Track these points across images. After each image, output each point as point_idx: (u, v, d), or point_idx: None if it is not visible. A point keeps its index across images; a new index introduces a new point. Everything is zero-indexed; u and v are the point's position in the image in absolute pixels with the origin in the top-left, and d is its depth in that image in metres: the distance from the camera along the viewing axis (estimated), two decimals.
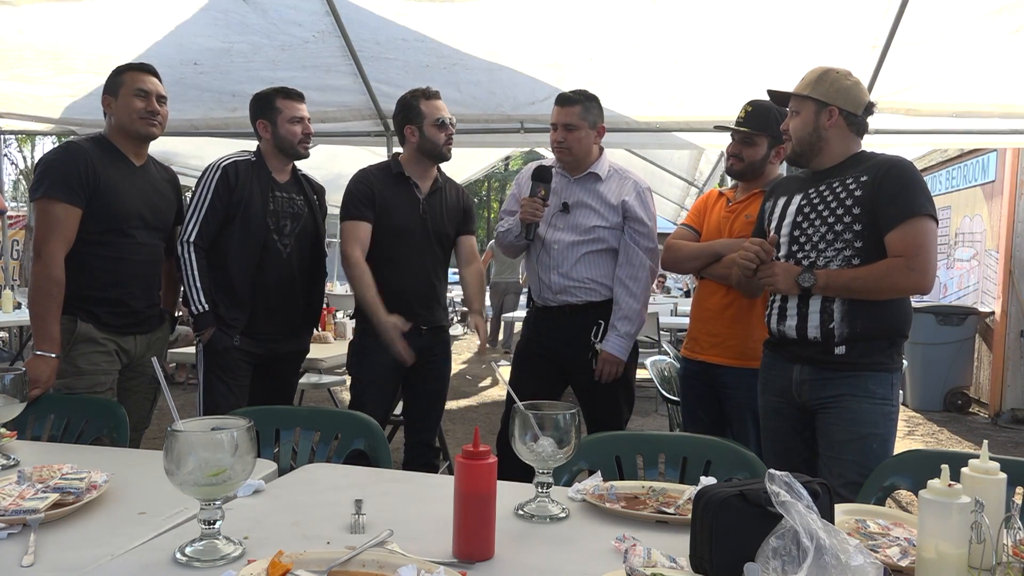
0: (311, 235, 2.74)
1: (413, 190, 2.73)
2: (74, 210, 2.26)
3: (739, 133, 2.53)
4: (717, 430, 2.61)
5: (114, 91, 2.38)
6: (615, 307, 2.66)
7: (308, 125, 2.65)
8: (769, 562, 0.89)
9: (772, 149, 2.55)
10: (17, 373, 1.64)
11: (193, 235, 2.51)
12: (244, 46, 3.85)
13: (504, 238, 2.78)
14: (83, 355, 2.30)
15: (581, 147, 2.64)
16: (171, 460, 1.07)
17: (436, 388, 2.84)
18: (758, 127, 2.51)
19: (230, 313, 2.56)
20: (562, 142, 2.63)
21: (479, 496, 1.13)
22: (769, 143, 2.54)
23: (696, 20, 3.40)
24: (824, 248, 2.03)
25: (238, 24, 3.66)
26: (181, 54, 3.90)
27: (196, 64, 4.01)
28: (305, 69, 4.05)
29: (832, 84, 2.06)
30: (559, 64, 3.83)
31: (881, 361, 2.01)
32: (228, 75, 4.13)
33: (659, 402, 5.98)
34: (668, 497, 1.42)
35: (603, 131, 2.71)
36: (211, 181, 2.54)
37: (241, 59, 3.96)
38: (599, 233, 2.65)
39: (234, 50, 3.88)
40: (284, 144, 2.64)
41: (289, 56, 3.93)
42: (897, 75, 3.59)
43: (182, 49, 3.86)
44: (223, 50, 3.89)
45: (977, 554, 0.97)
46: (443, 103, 2.73)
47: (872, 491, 1.61)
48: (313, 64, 4.03)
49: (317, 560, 1.05)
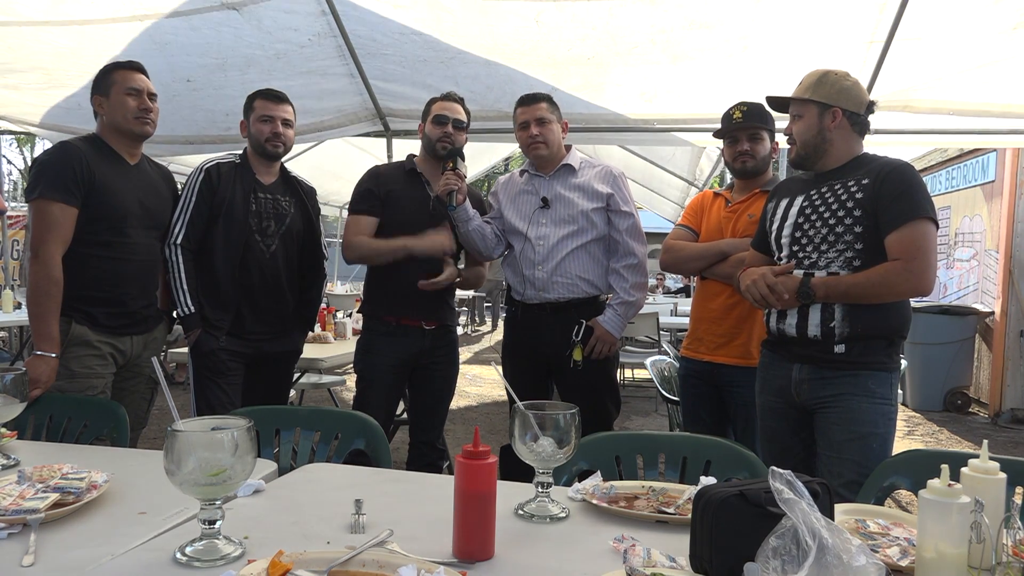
0: (300, 235, 2.75)
1: (424, 187, 2.76)
2: (70, 210, 2.26)
3: (746, 130, 2.55)
4: (718, 430, 2.61)
5: (105, 91, 2.38)
6: (612, 293, 2.69)
7: (278, 125, 2.63)
8: (769, 562, 0.89)
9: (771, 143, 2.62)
10: (17, 373, 1.64)
11: (180, 237, 2.54)
12: (238, 59, 3.84)
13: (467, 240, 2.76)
14: (76, 358, 2.30)
15: (555, 139, 2.70)
16: (171, 460, 1.07)
17: (440, 388, 2.84)
18: (760, 120, 2.55)
19: (214, 314, 2.58)
20: (537, 136, 2.68)
21: (479, 496, 1.13)
22: (769, 136, 2.60)
23: (694, 16, 3.40)
24: (826, 249, 2.04)
25: (231, 38, 3.65)
26: (174, 72, 3.90)
27: (189, 81, 4.01)
28: (300, 76, 4.04)
29: (833, 85, 2.07)
30: (556, 62, 3.83)
31: (881, 360, 2.01)
32: (222, 90, 4.12)
33: (659, 402, 5.98)
34: (668, 497, 1.42)
35: (567, 126, 2.81)
36: (195, 183, 2.58)
37: (236, 72, 3.95)
38: (583, 222, 2.66)
39: (228, 64, 3.88)
40: (253, 143, 2.66)
41: (284, 64, 3.93)
42: (896, 73, 3.59)
43: (174, 67, 3.86)
44: (216, 65, 3.88)
45: (977, 554, 0.97)
46: (454, 104, 2.76)
47: (872, 491, 1.61)
48: (308, 70, 4.01)
49: (317, 560, 1.05)
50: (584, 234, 2.66)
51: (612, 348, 2.67)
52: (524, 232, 2.71)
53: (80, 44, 3.67)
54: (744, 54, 3.60)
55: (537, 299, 2.69)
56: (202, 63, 3.86)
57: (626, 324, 2.70)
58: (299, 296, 2.79)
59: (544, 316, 2.69)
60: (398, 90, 4.30)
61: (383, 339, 2.71)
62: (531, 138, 2.69)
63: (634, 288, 2.68)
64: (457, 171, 2.62)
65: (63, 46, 3.69)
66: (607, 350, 2.66)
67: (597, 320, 2.65)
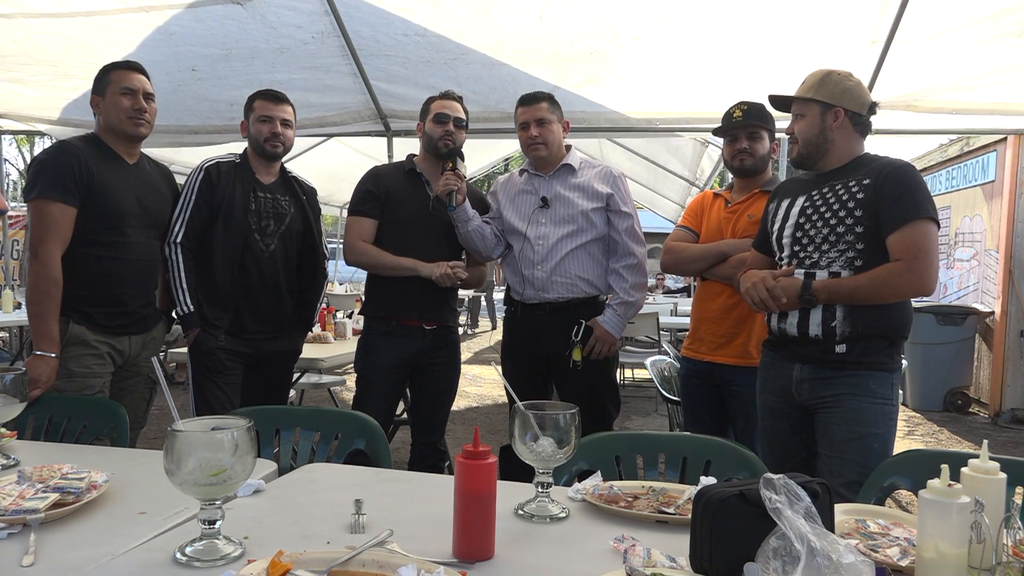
0: (299, 235, 2.75)
1: (424, 187, 2.76)
2: (69, 209, 2.26)
3: (745, 129, 2.55)
4: (719, 430, 2.61)
5: (101, 90, 2.38)
6: (612, 294, 2.69)
7: (277, 125, 2.63)
8: (769, 562, 0.89)
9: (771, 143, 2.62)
10: (17, 373, 1.64)
11: (180, 236, 2.54)
12: (243, 51, 3.85)
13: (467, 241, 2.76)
14: (74, 358, 2.29)
15: (555, 140, 2.70)
16: (171, 460, 1.07)
17: (442, 390, 2.84)
18: (760, 120, 2.56)
19: (213, 313, 2.58)
20: (537, 137, 2.68)
21: (479, 496, 1.13)
22: (769, 136, 2.60)
23: (697, 16, 3.40)
24: (827, 249, 2.04)
25: (236, 30, 3.67)
26: (179, 61, 3.91)
27: (194, 71, 4.02)
28: (304, 70, 4.05)
29: (836, 85, 2.07)
30: (559, 59, 3.83)
31: (881, 360, 2.01)
32: (226, 80, 4.13)
33: (659, 402, 5.98)
34: (668, 497, 1.42)
35: (567, 126, 2.80)
36: (195, 182, 2.58)
37: (240, 63, 3.96)
38: (582, 222, 2.66)
39: (232, 55, 3.88)
40: (253, 143, 2.67)
41: (288, 58, 3.93)
42: (898, 72, 3.59)
43: (179, 57, 3.87)
44: (221, 56, 3.89)
45: (977, 554, 0.97)
46: (454, 103, 2.76)
47: (872, 491, 1.60)
48: (312, 65, 4.03)
49: (317, 560, 1.05)
50: (583, 234, 2.66)
51: (612, 348, 2.67)
52: (523, 232, 2.71)
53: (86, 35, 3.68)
54: (749, 52, 3.61)
55: (536, 299, 2.69)
56: (207, 53, 3.88)
57: (626, 324, 2.71)
58: (298, 296, 2.79)
59: (543, 316, 2.69)
60: (401, 91, 4.31)
61: (383, 339, 2.71)
62: (531, 139, 2.69)
63: (633, 288, 2.68)
64: (457, 171, 2.62)
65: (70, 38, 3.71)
66: (607, 350, 2.66)
67: (597, 320, 2.65)
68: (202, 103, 4.39)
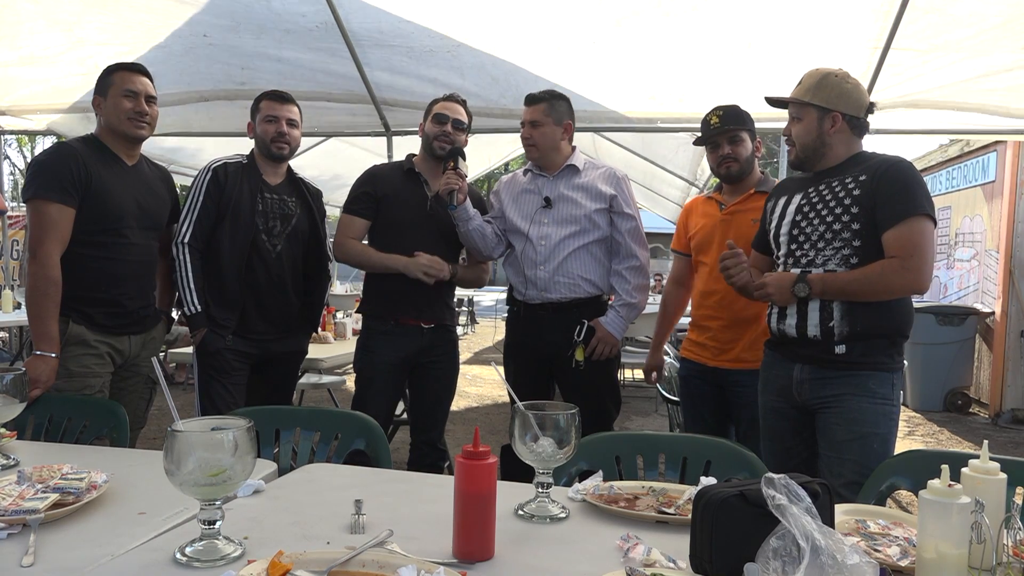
0: (305, 236, 2.75)
1: (422, 187, 2.76)
2: (68, 210, 2.26)
3: (726, 134, 2.55)
4: (719, 430, 2.61)
5: (103, 91, 2.38)
6: (615, 295, 2.70)
7: (283, 125, 2.63)
8: (769, 562, 0.89)
9: (753, 143, 2.62)
10: (17, 373, 1.64)
11: (187, 236, 2.55)
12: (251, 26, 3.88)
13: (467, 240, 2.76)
14: (73, 357, 2.29)
15: (545, 142, 2.70)
16: (171, 460, 1.07)
17: (440, 388, 2.84)
18: (739, 122, 2.56)
19: (221, 313, 2.58)
20: (528, 138, 2.70)
21: (479, 496, 1.13)
22: (750, 136, 2.60)
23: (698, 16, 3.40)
24: (823, 247, 2.03)
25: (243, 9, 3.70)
26: (191, 26, 3.90)
27: (206, 36, 4.01)
28: (309, 51, 4.06)
29: (833, 89, 2.06)
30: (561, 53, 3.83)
31: (882, 361, 2.01)
32: (236, 48, 4.13)
33: (659, 402, 5.97)
34: (668, 497, 1.42)
35: (570, 128, 2.77)
36: (202, 183, 2.59)
37: (249, 36, 3.98)
38: (585, 223, 2.66)
39: (242, 28, 3.90)
40: (259, 143, 2.68)
41: (294, 39, 3.96)
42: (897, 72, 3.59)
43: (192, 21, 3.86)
44: (231, 27, 3.91)
45: (977, 554, 0.97)
46: (456, 105, 2.77)
47: (872, 491, 1.60)
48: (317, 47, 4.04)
49: (317, 560, 1.05)
50: (586, 235, 2.66)
51: (613, 349, 2.67)
52: (525, 232, 2.71)
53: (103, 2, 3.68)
54: (748, 51, 3.61)
55: (539, 299, 2.69)
56: (218, 23, 3.89)
57: (628, 326, 2.71)
58: (303, 297, 2.80)
59: (546, 316, 2.69)
60: (402, 83, 4.30)
61: (382, 338, 2.72)
62: (522, 139, 2.73)
63: (636, 290, 2.68)
64: (458, 170, 2.62)
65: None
66: (609, 351, 2.65)
67: (599, 321, 2.65)
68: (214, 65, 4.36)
